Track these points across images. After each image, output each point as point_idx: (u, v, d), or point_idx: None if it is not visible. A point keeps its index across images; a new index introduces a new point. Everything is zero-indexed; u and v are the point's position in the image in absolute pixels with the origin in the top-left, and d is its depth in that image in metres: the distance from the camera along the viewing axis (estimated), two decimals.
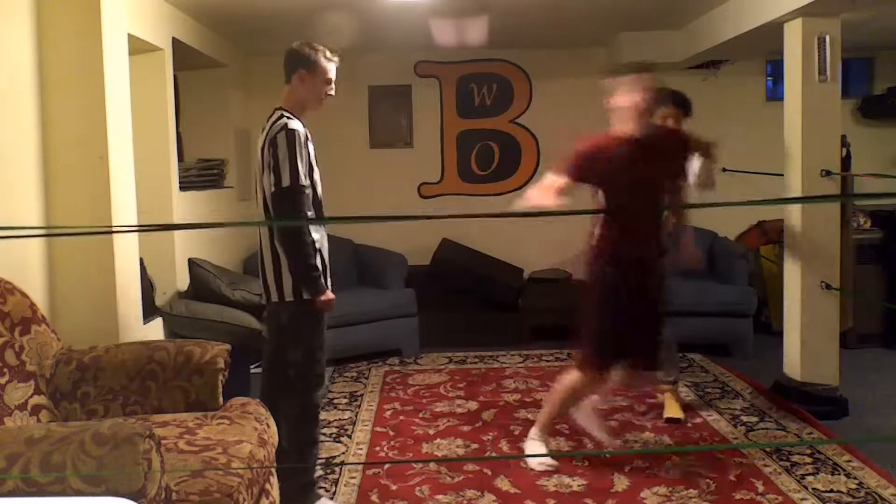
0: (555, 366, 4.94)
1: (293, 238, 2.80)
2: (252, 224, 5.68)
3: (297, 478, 2.87)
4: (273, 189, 2.76)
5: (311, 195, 2.82)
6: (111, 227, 3.08)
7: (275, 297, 2.87)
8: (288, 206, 2.76)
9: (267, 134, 2.82)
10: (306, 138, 2.83)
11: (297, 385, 2.89)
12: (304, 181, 2.77)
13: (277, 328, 2.94)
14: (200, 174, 4.97)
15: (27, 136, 2.93)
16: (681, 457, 3.36)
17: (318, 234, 2.88)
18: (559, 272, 6.03)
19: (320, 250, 2.87)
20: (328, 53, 2.90)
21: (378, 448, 3.59)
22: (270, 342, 3.01)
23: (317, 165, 2.90)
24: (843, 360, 4.12)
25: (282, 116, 2.83)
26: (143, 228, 3.92)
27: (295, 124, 2.79)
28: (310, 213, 2.82)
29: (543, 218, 6.09)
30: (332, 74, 2.92)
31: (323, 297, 2.83)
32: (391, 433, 3.78)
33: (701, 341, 5.13)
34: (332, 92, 2.95)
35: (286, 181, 2.73)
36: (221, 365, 2.64)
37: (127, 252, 3.26)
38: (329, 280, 2.93)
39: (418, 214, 6.10)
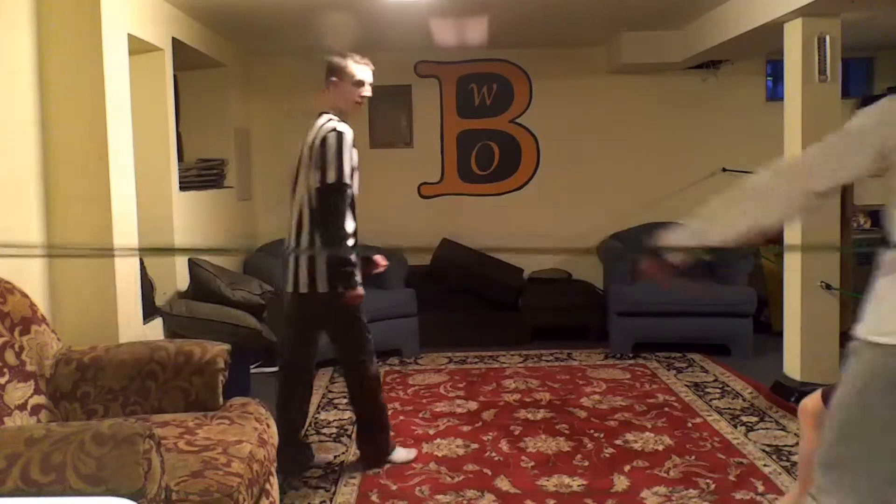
0: (555, 366, 4.95)
1: (334, 233, 3.02)
2: (237, 251, 5.68)
3: (377, 439, 3.31)
4: (319, 185, 3.00)
5: (352, 195, 3.06)
6: (112, 248, 3.12)
7: (303, 289, 3.09)
8: (332, 202, 3.00)
9: (316, 135, 3.06)
10: (352, 142, 3.07)
11: (357, 365, 3.23)
12: (349, 180, 3.02)
13: (315, 318, 3.19)
14: (200, 174, 4.97)
15: (27, 136, 2.93)
16: None
17: (352, 230, 3.09)
18: (559, 272, 6.03)
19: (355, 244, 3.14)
20: (357, 58, 3.19)
21: None
22: (299, 331, 3.25)
23: (357, 170, 3.13)
24: (843, 360, 4.12)
25: (330, 120, 3.10)
26: (143, 250, 3.92)
27: (344, 127, 3.04)
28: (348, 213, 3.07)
29: (543, 218, 6.12)
30: (363, 76, 3.18)
31: (352, 292, 3.07)
32: (391, 433, 3.77)
33: (701, 341, 5.14)
34: (367, 93, 3.22)
35: (332, 178, 2.99)
36: (221, 365, 2.64)
37: None
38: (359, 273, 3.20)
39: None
